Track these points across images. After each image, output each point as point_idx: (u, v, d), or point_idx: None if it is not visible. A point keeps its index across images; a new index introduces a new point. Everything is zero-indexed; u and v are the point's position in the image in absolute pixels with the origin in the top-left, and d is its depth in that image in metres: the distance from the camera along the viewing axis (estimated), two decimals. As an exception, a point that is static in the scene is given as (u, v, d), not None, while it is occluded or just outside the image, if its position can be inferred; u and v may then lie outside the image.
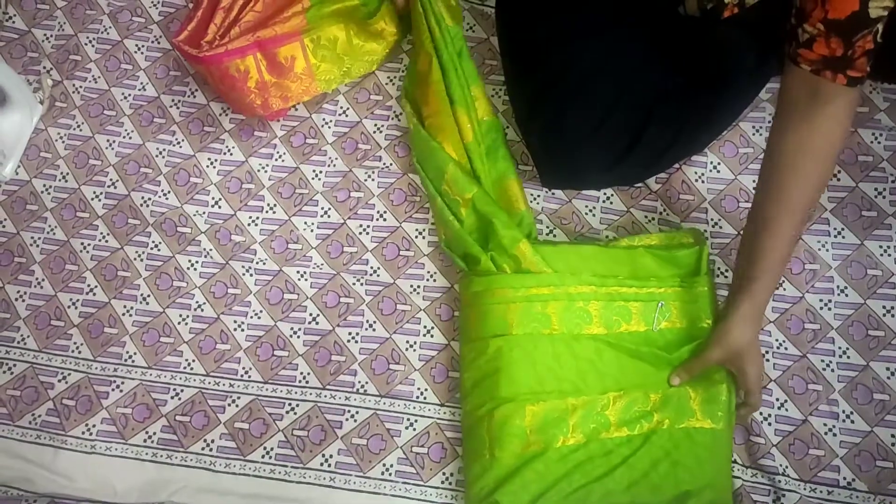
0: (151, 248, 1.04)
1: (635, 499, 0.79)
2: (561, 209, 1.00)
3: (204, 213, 1.05)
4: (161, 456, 0.95)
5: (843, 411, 0.88)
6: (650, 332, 0.87)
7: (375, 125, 1.07)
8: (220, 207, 1.05)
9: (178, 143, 1.08)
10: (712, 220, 0.97)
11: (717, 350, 0.79)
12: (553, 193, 1.01)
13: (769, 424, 0.87)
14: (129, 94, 1.11)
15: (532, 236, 0.93)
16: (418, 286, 0.99)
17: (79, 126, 1.10)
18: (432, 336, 0.97)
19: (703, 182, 0.99)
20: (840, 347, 0.91)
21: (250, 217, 1.04)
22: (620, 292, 0.87)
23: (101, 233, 1.05)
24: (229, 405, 0.96)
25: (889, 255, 0.93)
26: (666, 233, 0.94)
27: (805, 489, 0.86)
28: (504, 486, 0.80)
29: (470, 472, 0.86)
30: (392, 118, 1.07)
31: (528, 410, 0.82)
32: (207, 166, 1.07)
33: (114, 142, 1.09)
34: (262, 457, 0.94)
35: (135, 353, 0.99)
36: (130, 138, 1.09)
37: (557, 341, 0.84)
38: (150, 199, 1.06)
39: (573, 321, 0.85)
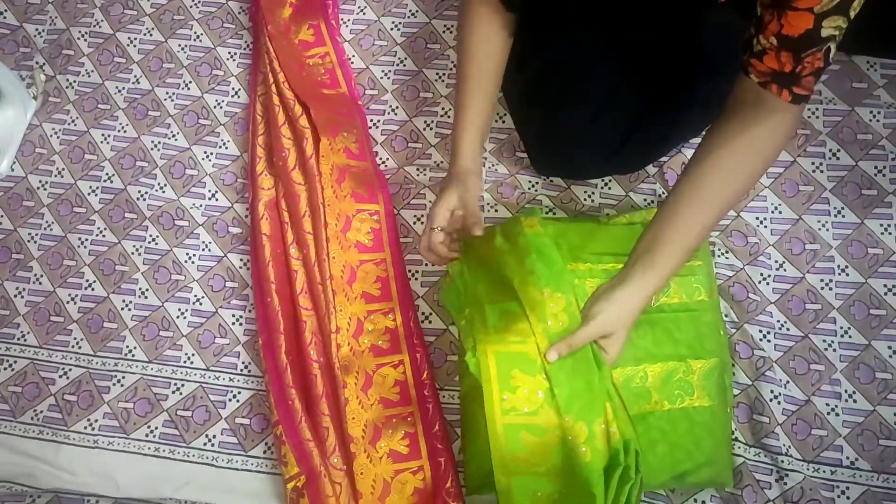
0: (149, 242, 1.03)
1: None
2: (560, 195, 1.00)
3: (201, 205, 1.04)
4: (163, 451, 0.95)
5: (846, 391, 0.88)
6: (648, 307, 0.87)
7: (374, 122, 1.06)
8: (216, 200, 1.04)
9: (174, 135, 1.08)
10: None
11: (607, 313, 0.74)
12: (551, 180, 1.00)
13: (778, 403, 0.87)
14: (123, 88, 1.11)
15: None
16: (417, 271, 0.98)
17: (73, 121, 1.10)
18: (430, 322, 0.96)
19: (701, 164, 0.98)
20: (842, 327, 0.90)
21: (247, 209, 1.03)
22: (616, 268, 0.86)
23: (99, 227, 1.05)
24: (230, 400, 0.96)
25: (890, 234, 0.93)
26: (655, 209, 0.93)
27: (808, 469, 0.86)
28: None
29: (467, 451, 0.86)
30: (388, 112, 1.06)
31: None
32: (203, 159, 1.06)
33: (109, 136, 1.09)
34: (264, 452, 0.94)
35: (135, 348, 0.99)
36: (125, 132, 1.09)
37: None
38: (146, 192, 1.05)
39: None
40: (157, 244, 1.03)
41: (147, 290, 1.01)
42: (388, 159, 1.04)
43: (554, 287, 0.79)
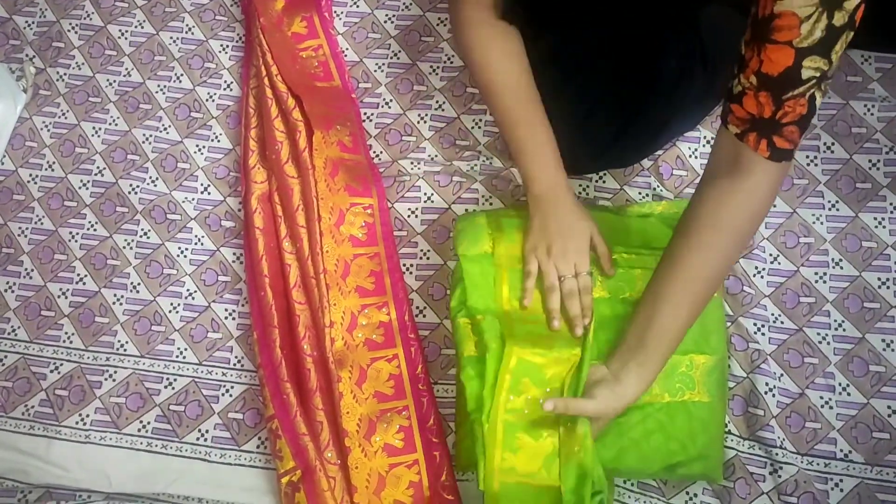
0: (141, 236, 1.02)
1: (621, 464, 0.79)
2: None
3: (193, 199, 1.03)
4: (156, 446, 0.94)
5: (840, 384, 0.88)
6: None
7: (368, 115, 1.06)
8: (209, 194, 1.04)
9: (165, 129, 1.07)
10: (706, 195, 0.97)
11: (605, 400, 0.72)
12: (546, 173, 1.00)
13: (773, 396, 0.87)
14: (114, 81, 1.10)
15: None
16: (411, 265, 0.98)
17: (64, 114, 1.09)
18: (424, 316, 0.96)
19: (696, 158, 0.98)
20: (836, 320, 0.90)
21: (240, 202, 1.02)
22: (626, 259, 0.87)
23: (90, 221, 1.04)
24: (223, 395, 0.96)
25: (884, 227, 0.93)
26: (678, 200, 0.94)
27: (802, 462, 0.86)
28: None
29: (460, 429, 0.87)
30: (382, 105, 1.06)
31: None
32: (195, 152, 1.05)
33: (100, 129, 1.08)
34: (258, 447, 0.93)
35: (127, 342, 0.98)
36: (116, 125, 1.08)
37: None
38: (138, 186, 1.04)
39: None
40: (149, 238, 1.02)
41: (139, 284, 1.01)
42: (381, 153, 1.03)
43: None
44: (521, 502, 0.73)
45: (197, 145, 1.06)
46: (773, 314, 0.91)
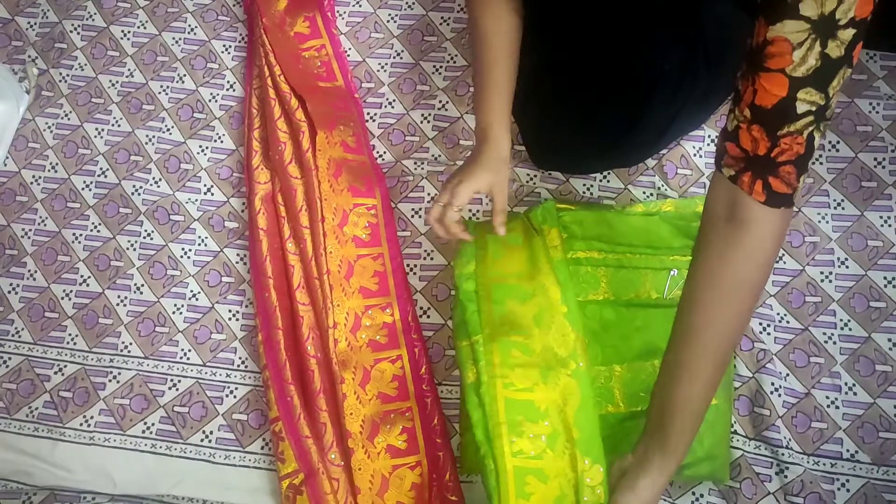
0: (144, 237, 1.02)
1: None
2: (559, 188, 0.99)
3: (196, 200, 1.03)
4: (160, 447, 0.94)
5: (846, 383, 0.88)
6: (661, 300, 0.86)
7: (373, 117, 1.05)
8: (212, 195, 1.04)
9: (168, 129, 1.07)
10: (711, 194, 0.96)
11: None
12: (549, 173, 1.00)
13: (779, 396, 0.87)
14: (117, 82, 1.10)
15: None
16: (415, 265, 0.98)
17: (66, 115, 1.09)
18: (429, 316, 0.96)
19: (700, 157, 0.98)
20: (841, 319, 0.90)
21: (243, 203, 1.02)
22: (630, 259, 0.86)
23: (93, 223, 1.04)
24: (227, 396, 0.96)
25: (889, 226, 0.92)
26: (682, 199, 0.93)
27: (808, 462, 0.85)
28: None
29: (465, 435, 0.87)
30: (385, 105, 1.05)
31: None
32: (198, 153, 1.05)
33: (103, 130, 1.07)
34: (262, 448, 0.93)
35: (130, 344, 0.98)
36: (119, 126, 1.08)
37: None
38: (141, 187, 1.04)
39: (579, 286, 0.84)
40: (152, 239, 1.02)
41: (142, 285, 1.00)
42: (385, 153, 1.03)
43: (580, 329, 0.79)
44: None
45: (200, 146, 1.06)
46: (778, 314, 0.91)
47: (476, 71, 0.84)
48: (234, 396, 0.95)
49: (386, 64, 1.07)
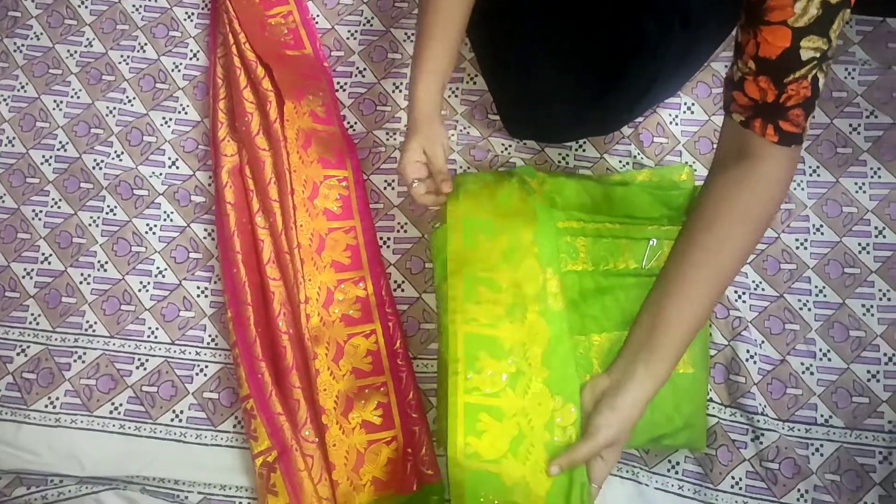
0: (107, 213, 0.99)
1: None
2: (534, 157, 0.97)
3: (161, 174, 1.00)
4: (129, 428, 0.92)
5: (821, 349, 0.88)
6: (639, 270, 0.86)
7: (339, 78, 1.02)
8: (177, 168, 1.00)
9: (130, 101, 1.03)
10: (686, 162, 0.95)
11: (612, 427, 0.68)
12: (524, 143, 0.98)
13: (754, 363, 0.87)
14: (75, 52, 1.05)
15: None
16: (389, 238, 0.96)
17: (23, 87, 1.04)
18: (403, 290, 0.94)
19: (676, 124, 0.96)
20: (816, 286, 0.90)
21: (210, 176, 0.99)
22: (609, 229, 0.85)
23: (53, 198, 1.00)
24: (197, 374, 0.93)
25: (864, 192, 0.92)
26: (659, 168, 0.92)
27: (783, 428, 0.86)
28: None
29: (439, 406, 0.86)
30: (355, 74, 1.02)
31: None
32: (161, 125, 1.02)
33: (61, 102, 1.03)
34: (234, 427, 0.91)
35: (95, 323, 0.95)
36: (79, 98, 1.03)
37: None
38: (102, 161, 1.00)
39: (558, 256, 0.83)
40: (115, 215, 0.99)
41: (106, 262, 0.97)
42: (356, 123, 1.00)
43: (554, 268, 0.77)
44: (488, 491, 0.69)
45: (163, 118, 1.02)
46: (753, 281, 0.91)
47: (417, 32, 0.80)
48: (205, 375, 0.93)
49: (355, 31, 1.04)
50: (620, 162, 0.96)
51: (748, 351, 0.87)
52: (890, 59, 0.96)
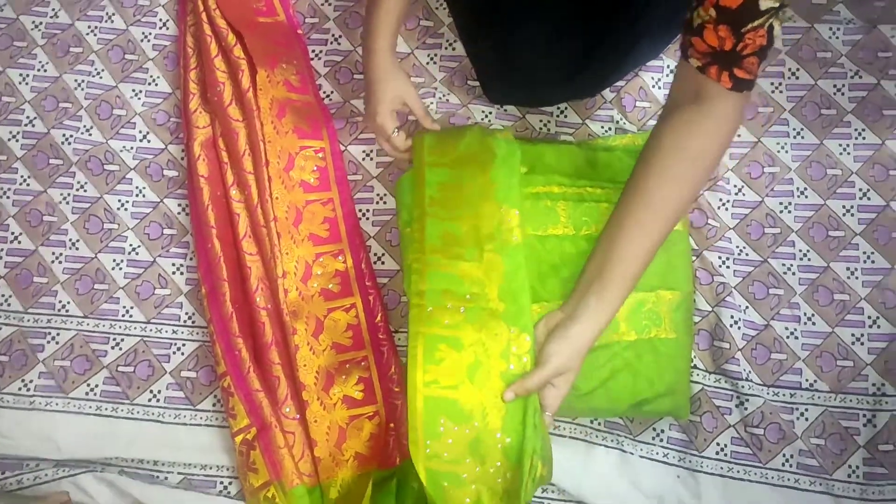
0: (77, 190, 0.96)
1: (590, 403, 0.78)
2: (514, 125, 0.95)
3: (132, 148, 0.97)
4: (105, 409, 0.90)
5: (805, 314, 0.87)
6: None
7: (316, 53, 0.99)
8: (148, 142, 0.97)
9: (98, 73, 1.00)
10: (670, 127, 0.94)
11: (563, 355, 0.69)
12: (505, 110, 0.96)
13: (738, 329, 0.86)
14: (41, 23, 1.02)
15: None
16: (368, 210, 0.94)
17: (-14, 61, 1.01)
18: (383, 263, 0.92)
19: (659, 88, 0.95)
20: (801, 250, 0.89)
21: (182, 150, 0.96)
22: (591, 193, 0.84)
23: (22, 175, 0.97)
24: (174, 353, 0.91)
25: (848, 154, 0.91)
26: (643, 133, 0.91)
27: (768, 393, 0.85)
28: None
29: None
30: (331, 42, 1.00)
31: None
32: (131, 97, 0.99)
33: (27, 76, 1.00)
34: (213, 405, 0.89)
35: (69, 303, 0.93)
36: (45, 71, 1.00)
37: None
38: (72, 136, 0.97)
39: (539, 220, 0.82)
40: (86, 191, 0.96)
41: (78, 240, 0.95)
42: (332, 92, 0.98)
43: (510, 203, 0.77)
44: (445, 416, 0.71)
45: (133, 90, 0.99)
46: (737, 246, 0.90)
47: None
48: (182, 353, 0.91)
49: (330, -3, 1.01)
50: (602, 127, 0.94)
51: (732, 317, 0.86)
52: (875, 17, 0.94)
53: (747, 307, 0.88)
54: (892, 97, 0.92)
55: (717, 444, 0.84)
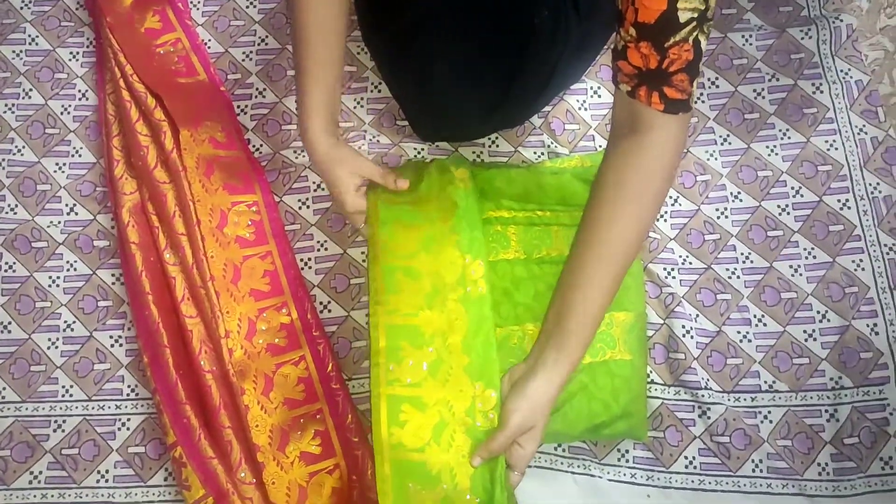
0: (6, 271, 0.93)
1: (546, 427, 0.76)
2: (448, 159, 0.95)
3: (59, 222, 0.94)
4: (51, 496, 0.85)
5: (755, 315, 0.87)
6: None
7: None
8: (76, 214, 0.95)
9: (19, 150, 0.97)
10: (600, 146, 0.95)
11: (522, 412, 0.67)
12: (437, 146, 0.96)
13: (691, 338, 0.85)
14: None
15: None
16: (309, 259, 0.92)
17: None
18: (330, 311, 0.90)
19: (585, 109, 0.96)
20: (742, 253, 0.90)
21: (112, 219, 0.94)
22: (540, 216, 0.83)
23: (-56, 262, 0.93)
24: (119, 429, 0.87)
25: (777, 154, 0.93)
26: (590, 154, 0.91)
27: (729, 399, 0.84)
28: None
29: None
30: (255, 95, 0.99)
31: None
32: (55, 171, 0.96)
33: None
34: (165, 479, 0.85)
35: (4, 388, 0.89)
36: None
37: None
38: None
39: (489, 245, 0.81)
40: (14, 271, 0.92)
41: (9, 322, 0.91)
42: (261, 145, 0.97)
43: (474, 254, 0.75)
44: (413, 480, 0.68)
45: (56, 163, 0.96)
46: (680, 256, 0.90)
47: (296, 66, 0.77)
48: (128, 429, 0.87)
49: (251, 52, 1.01)
50: (535, 153, 0.95)
51: (684, 326, 0.85)
52: (783, 21, 0.98)
53: (698, 315, 0.87)
54: (809, 95, 0.94)
55: (685, 457, 0.83)
